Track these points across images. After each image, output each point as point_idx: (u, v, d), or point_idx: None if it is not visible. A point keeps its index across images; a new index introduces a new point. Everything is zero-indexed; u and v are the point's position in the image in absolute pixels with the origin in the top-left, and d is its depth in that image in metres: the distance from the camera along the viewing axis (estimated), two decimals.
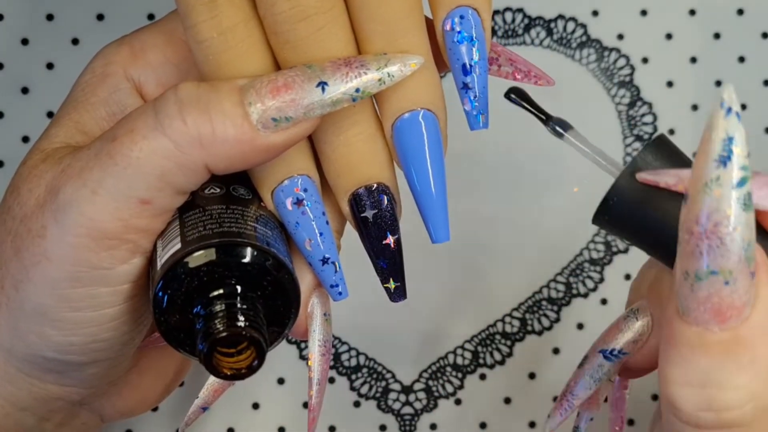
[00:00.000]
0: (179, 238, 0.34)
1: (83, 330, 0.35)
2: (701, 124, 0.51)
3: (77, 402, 0.39)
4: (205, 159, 0.33)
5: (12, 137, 0.50)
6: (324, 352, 0.37)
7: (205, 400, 0.39)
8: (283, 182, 0.35)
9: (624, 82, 0.51)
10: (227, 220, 0.34)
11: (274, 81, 0.33)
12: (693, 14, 0.51)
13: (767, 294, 0.29)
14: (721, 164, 0.28)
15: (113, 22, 0.50)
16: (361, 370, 0.51)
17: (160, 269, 0.33)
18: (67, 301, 0.34)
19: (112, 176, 0.33)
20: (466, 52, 0.34)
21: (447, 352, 0.51)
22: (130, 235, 0.34)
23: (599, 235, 0.51)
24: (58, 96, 0.50)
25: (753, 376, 0.29)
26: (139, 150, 0.32)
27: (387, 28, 0.33)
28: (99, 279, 0.34)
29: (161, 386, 0.42)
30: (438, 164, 0.35)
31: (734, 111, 0.28)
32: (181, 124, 0.32)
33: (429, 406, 0.51)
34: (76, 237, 0.33)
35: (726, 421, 0.30)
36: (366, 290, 0.48)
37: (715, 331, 0.29)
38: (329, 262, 0.36)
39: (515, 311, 0.51)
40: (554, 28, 0.51)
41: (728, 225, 0.28)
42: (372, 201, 0.35)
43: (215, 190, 0.36)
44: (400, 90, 0.34)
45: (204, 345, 0.32)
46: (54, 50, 0.49)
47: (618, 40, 0.51)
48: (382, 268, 0.36)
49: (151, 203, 0.33)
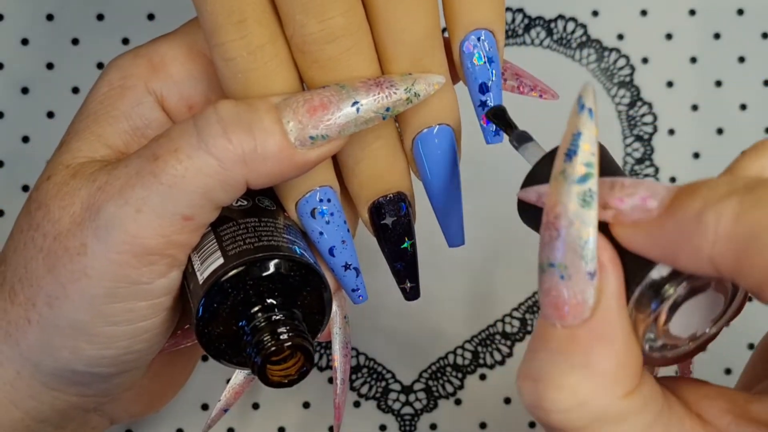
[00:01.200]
0: (220, 253, 0.35)
1: (118, 343, 0.36)
2: (701, 124, 0.51)
3: (92, 409, 0.40)
4: (246, 175, 0.34)
5: (12, 137, 0.50)
6: (346, 353, 0.39)
7: (227, 402, 0.40)
8: (307, 194, 0.36)
9: (624, 82, 0.51)
10: (264, 234, 0.36)
11: (311, 100, 0.34)
12: (693, 14, 0.51)
13: (608, 300, 0.29)
14: (567, 158, 0.28)
15: (113, 22, 0.50)
16: (361, 370, 0.51)
17: (203, 284, 0.35)
18: (104, 316, 0.35)
19: (157, 195, 0.33)
20: (483, 72, 0.36)
21: (447, 352, 0.51)
22: (171, 250, 0.34)
23: None
24: (58, 96, 0.50)
25: (582, 379, 0.28)
26: (185, 169, 0.33)
27: (411, 49, 0.35)
28: (137, 294, 0.35)
29: (169, 389, 0.43)
30: (454, 174, 0.37)
31: (587, 108, 0.28)
32: (225, 143, 0.33)
33: (429, 406, 0.51)
34: (118, 254, 0.34)
35: (553, 423, 0.29)
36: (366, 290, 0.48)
37: (556, 327, 0.29)
38: (351, 268, 0.38)
39: (515, 311, 0.51)
40: (554, 29, 0.51)
41: (566, 218, 0.28)
42: (392, 209, 0.37)
43: (243, 203, 0.37)
44: (423, 108, 0.36)
45: (258, 358, 0.34)
46: (54, 50, 0.49)
47: (618, 40, 0.51)
48: (399, 270, 0.38)
49: (193, 219, 0.34)
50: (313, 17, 0.33)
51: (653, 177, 0.51)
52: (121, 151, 0.37)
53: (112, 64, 0.38)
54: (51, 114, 0.50)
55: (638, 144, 0.51)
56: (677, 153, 0.51)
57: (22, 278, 0.36)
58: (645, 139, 0.51)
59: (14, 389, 0.37)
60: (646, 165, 0.51)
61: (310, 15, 0.33)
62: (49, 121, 0.50)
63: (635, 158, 0.51)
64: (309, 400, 0.51)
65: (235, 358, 0.36)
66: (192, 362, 0.44)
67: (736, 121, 0.51)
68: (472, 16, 0.35)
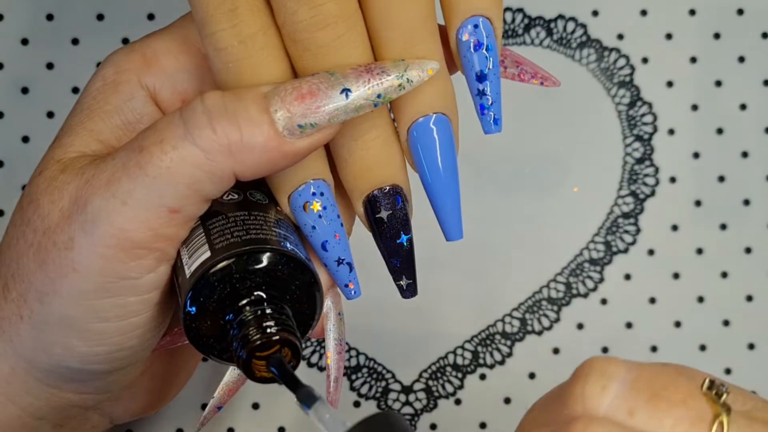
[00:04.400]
0: (207, 246, 0.34)
1: (109, 339, 0.36)
2: (701, 124, 0.51)
3: (91, 407, 0.39)
4: (233, 166, 0.33)
5: (12, 137, 0.50)
6: (340, 350, 0.38)
7: (220, 399, 0.40)
8: (300, 187, 0.36)
9: (624, 82, 0.51)
10: (253, 227, 0.35)
11: (299, 88, 0.33)
12: (693, 14, 0.51)
13: None
14: None
15: (113, 22, 0.50)
16: (361, 370, 0.51)
17: (191, 277, 0.34)
18: (95, 312, 0.35)
19: (142, 186, 0.33)
20: (480, 60, 0.35)
21: (447, 352, 0.51)
22: (159, 243, 0.34)
23: (599, 235, 0.51)
24: (58, 96, 0.50)
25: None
26: (170, 160, 0.33)
27: (404, 36, 0.34)
28: (127, 289, 0.34)
29: (169, 388, 0.43)
30: (452, 166, 0.36)
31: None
32: (210, 133, 0.33)
33: (429, 406, 0.51)
34: (106, 248, 0.34)
35: None
36: (366, 291, 0.48)
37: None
38: (344, 263, 0.37)
39: (515, 311, 0.51)
40: (554, 28, 0.51)
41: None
42: (387, 202, 0.36)
43: (234, 197, 0.37)
44: (417, 95, 0.35)
45: (243, 352, 0.33)
46: (54, 50, 0.49)
47: (618, 40, 0.51)
48: (396, 266, 0.37)
49: (180, 212, 0.34)
50: (304, 4, 0.33)
51: (653, 177, 0.51)
52: (113, 146, 0.37)
53: (106, 59, 0.38)
54: (51, 114, 0.50)
55: (638, 144, 0.51)
56: (677, 153, 0.51)
57: (14, 274, 0.36)
58: (645, 139, 0.51)
59: (9, 385, 0.37)
60: (646, 165, 0.51)
61: (302, 2, 0.33)
62: (49, 121, 0.50)
63: (635, 158, 0.51)
64: None
65: (224, 353, 0.35)
66: (193, 361, 0.44)
67: (736, 121, 0.51)
68: (468, 3, 0.35)
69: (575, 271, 0.51)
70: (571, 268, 0.51)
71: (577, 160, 0.51)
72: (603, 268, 0.51)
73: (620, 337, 0.51)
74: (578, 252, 0.51)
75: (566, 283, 0.51)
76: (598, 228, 0.51)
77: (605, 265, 0.51)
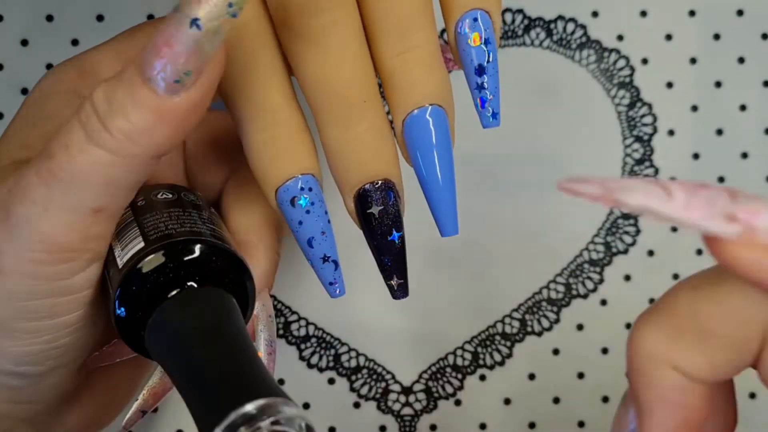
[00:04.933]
0: (141, 237, 0.34)
1: (40, 338, 0.35)
2: (701, 125, 0.51)
3: (25, 419, 0.38)
4: (145, 151, 0.32)
5: None
6: (270, 351, 0.37)
7: (145, 403, 0.38)
8: (288, 181, 0.35)
9: (624, 83, 0.51)
10: (187, 221, 0.35)
11: (155, 44, 0.31)
12: (693, 15, 0.51)
13: None
14: None
15: (113, 23, 0.50)
16: (361, 371, 0.51)
17: (123, 268, 0.34)
18: (25, 312, 0.34)
19: (59, 192, 0.33)
20: (479, 54, 0.35)
21: (447, 353, 0.51)
22: (89, 244, 0.34)
23: (599, 236, 0.51)
24: None
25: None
26: (79, 164, 0.32)
27: (398, 25, 0.34)
28: (57, 290, 0.34)
29: (112, 404, 0.41)
30: (448, 159, 0.35)
31: None
32: (107, 135, 0.32)
33: (429, 407, 0.51)
34: (33, 252, 0.33)
35: None
36: (366, 291, 0.48)
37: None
38: (330, 261, 0.36)
39: (515, 312, 0.51)
40: (554, 29, 0.51)
41: None
42: (378, 197, 0.35)
43: (168, 196, 0.37)
44: (411, 87, 0.34)
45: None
46: (54, 51, 0.49)
47: (618, 40, 0.51)
48: (386, 265, 0.36)
49: (104, 210, 0.33)
50: None
51: (653, 178, 0.51)
52: None
53: (48, 72, 0.38)
54: None
55: (638, 145, 0.51)
56: (677, 153, 0.51)
57: None
58: (645, 140, 0.51)
59: None
60: (646, 166, 0.51)
61: None
62: None
63: (635, 159, 0.51)
64: (309, 401, 0.51)
65: None
66: (136, 376, 0.42)
67: (736, 122, 0.51)
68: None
69: (575, 271, 0.51)
70: (571, 268, 0.51)
71: (576, 161, 0.51)
72: (603, 269, 0.51)
73: (620, 337, 0.51)
74: (578, 253, 0.51)
75: (566, 284, 0.51)
76: (597, 229, 0.51)
77: (605, 266, 0.51)
